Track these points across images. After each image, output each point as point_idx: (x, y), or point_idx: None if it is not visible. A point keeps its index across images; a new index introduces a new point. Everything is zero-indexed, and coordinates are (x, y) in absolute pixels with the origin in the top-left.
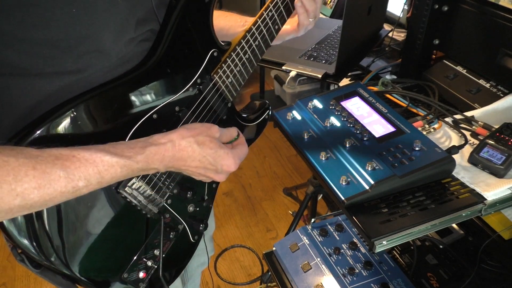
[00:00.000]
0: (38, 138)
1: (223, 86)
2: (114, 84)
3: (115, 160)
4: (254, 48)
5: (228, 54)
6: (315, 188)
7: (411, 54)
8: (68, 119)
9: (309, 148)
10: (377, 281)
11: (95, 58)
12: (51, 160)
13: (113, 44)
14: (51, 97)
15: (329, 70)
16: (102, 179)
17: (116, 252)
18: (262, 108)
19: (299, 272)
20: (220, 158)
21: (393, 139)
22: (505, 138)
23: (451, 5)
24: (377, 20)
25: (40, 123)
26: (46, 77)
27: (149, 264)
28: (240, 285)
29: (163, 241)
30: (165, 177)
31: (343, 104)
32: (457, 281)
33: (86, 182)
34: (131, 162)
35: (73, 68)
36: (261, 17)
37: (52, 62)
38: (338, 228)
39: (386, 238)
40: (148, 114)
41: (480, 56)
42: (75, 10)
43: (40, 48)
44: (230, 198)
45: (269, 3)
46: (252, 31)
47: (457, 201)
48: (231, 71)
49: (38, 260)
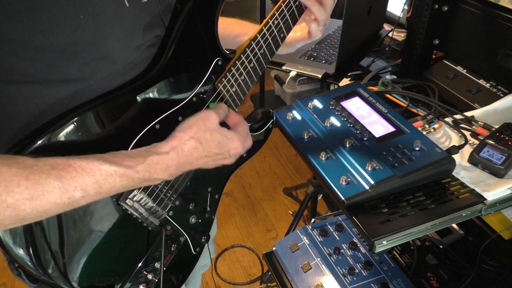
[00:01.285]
0: (38, 148)
1: (227, 95)
2: (116, 94)
3: (113, 169)
4: (259, 56)
5: (233, 62)
6: (315, 188)
7: (411, 54)
8: (69, 129)
9: (309, 148)
10: (377, 281)
11: (101, 65)
12: (46, 170)
13: (119, 50)
14: (56, 105)
15: (329, 70)
16: (100, 189)
17: (116, 266)
18: (266, 117)
19: (299, 272)
20: (225, 146)
21: (393, 139)
22: (505, 138)
23: (451, 5)
24: (377, 20)
25: (41, 133)
26: (51, 85)
27: (150, 277)
28: (240, 285)
29: (164, 254)
30: (167, 188)
31: (343, 104)
32: (457, 281)
33: (83, 192)
34: (131, 171)
35: (78, 76)
36: (266, 25)
37: (57, 69)
38: (338, 228)
39: (386, 238)
40: (151, 125)
41: (480, 56)
42: (82, 16)
43: (45, 55)
44: (230, 198)
45: (274, 11)
46: (257, 39)
47: (457, 201)
48: (236, 80)
49: (35, 274)
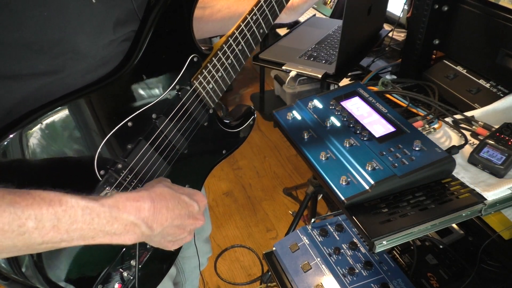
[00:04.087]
0: (5, 147)
1: (203, 92)
2: (87, 91)
3: (74, 201)
4: (237, 52)
5: (209, 59)
6: (315, 188)
7: (411, 54)
8: (38, 126)
9: (309, 148)
10: (377, 281)
11: (70, 59)
12: (0, 194)
13: (89, 46)
14: (28, 99)
15: (329, 70)
16: (58, 222)
17: (91, 263)
18: (246, 113)
19: (299, 272)
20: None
21: (393, 139)
22: (505, 138)
23: (451, 5)
24: (377, 20)
25: (11, 129)
26: (21, 78)
27: (125, 275)
28: (240, 285)
29: (140, 251)
30: (136, 182)
31: (343, 104)
32: (457, 281)
33: (37, 223)
34: (95, 204)
35: (48, 69)
36: (244, 21)
37: (26, 64)
38: (338, 228)
39: (386, 238)
40: (123, 122)
41: (480, 56)
42: (46, 13)
43: (13, 50)
44: (230, 198)
45: (253, 7)
46: (235, 35)
47: (457, 201)
48: (212, 76)
49: (6, 271)
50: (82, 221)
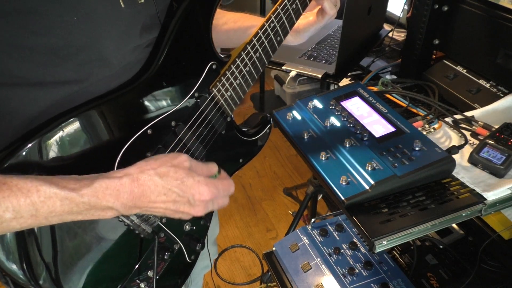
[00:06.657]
0: (26, 154)
1: (222, 100)
2: (107, 98)
3: (53, 191)
4: (255, 60)
5: (228, 66)
6: (315, 188)
7: (411, 54)
8: (58, 134)
9: (309, 148)
10: (377, 281)
11: (96, 66)
12: None
13: (115, 52)
14: (52, 108)
15: (329, 70)
16: (36, 212)
17: (109, 274)
18: (263, 122)
19: (299, 272)
20: (188, 188)
21: (393, 139)
22: (505, 138)
23: (451, 5)
24: (377, 20)
25: (31, 137)
26: (46, 86)
27: (142, 286)
28: (240, 285)
29: (157, 262)
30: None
31: (343, 104)
32: (457, 281)
33: (15, 214)
34: (73, 194)
35: (74, 78)
36: (262, 28)
37: (52, 71)
38: (338, 228)
39: (386, 238)
40: (143, 130)
41: (480, 56)
42: (75, 18)
43: (40, 56)
44: (230, 198)
45: (270, 14)
46: (253, 42)
47: (457, 201)
48: (231, 84)
49: (23, 282)
50: (61, 210)
